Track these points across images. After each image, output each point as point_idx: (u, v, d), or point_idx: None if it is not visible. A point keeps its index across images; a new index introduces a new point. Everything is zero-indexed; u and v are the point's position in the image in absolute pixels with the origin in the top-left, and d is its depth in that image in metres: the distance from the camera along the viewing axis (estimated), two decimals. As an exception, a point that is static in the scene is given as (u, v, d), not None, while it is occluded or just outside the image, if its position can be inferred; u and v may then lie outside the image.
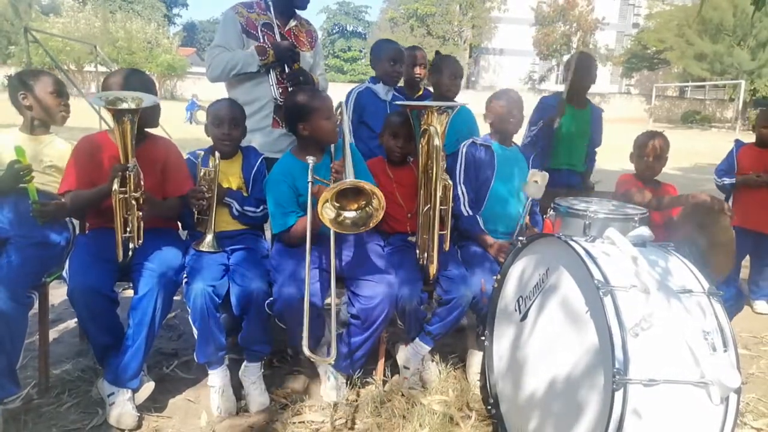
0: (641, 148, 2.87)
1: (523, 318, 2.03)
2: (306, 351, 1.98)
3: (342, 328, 2.46)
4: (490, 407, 2.24)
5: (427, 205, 2.30)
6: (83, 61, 29.49)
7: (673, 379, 1.53)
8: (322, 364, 1.97)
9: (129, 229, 2.13)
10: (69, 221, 2.50)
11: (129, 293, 2.20)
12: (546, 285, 1.92)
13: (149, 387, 2.21)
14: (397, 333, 2.59)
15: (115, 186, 2.05)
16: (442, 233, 2.30)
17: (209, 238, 2.36)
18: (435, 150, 2.20)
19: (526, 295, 2.03)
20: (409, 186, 2.63)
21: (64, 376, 2.44)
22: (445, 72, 3.15)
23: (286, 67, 2.83)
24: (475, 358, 2.57)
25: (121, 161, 2.09)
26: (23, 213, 2.28)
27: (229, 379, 2.29)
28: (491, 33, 37.81)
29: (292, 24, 2.97)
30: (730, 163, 3.67)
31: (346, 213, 2.02)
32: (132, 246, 2.16)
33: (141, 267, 2.15)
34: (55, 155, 2.45)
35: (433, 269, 2.34)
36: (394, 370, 2.57)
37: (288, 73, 2.83)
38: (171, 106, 20.18)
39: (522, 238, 2.15)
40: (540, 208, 2.90)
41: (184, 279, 2.24)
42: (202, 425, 2.19)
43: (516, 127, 2.79)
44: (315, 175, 2.22)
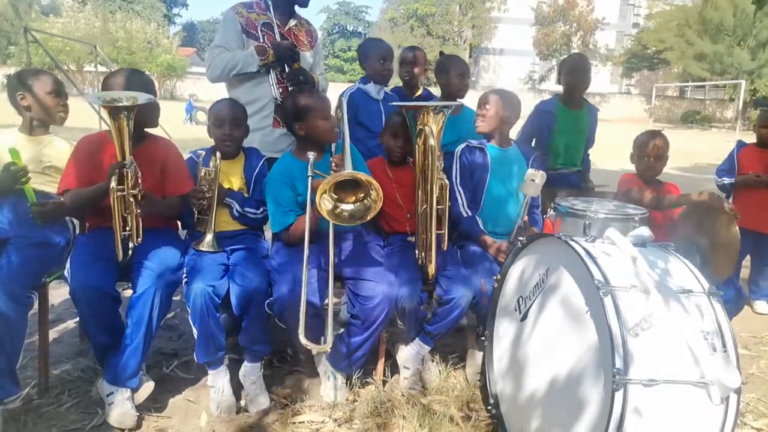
0: (641, 148, 2.87)
1: (523, 318, 2.03)
2: (302, 339, 1.98)
3: (342, 328, 2.46)
4: (490, 407, 2.24)
5: (425, 205, 2.31)
6: (83, 61, 29.49)
7: (673, 379, 1.53)
8: (320, 352, 1.97)
9: (128, 228, 2.13)
10: (69, 221, 2.50)
11: (130, 293, 2.20)
12: (546, 285, 1.92)
13: (149, 387, 2.21)
14: (397, 333, 2.59)
15: (113, 184, 2.05)
16: (440, 233, 2.31)
17: (209, 238, 2.36)
18: (430, 150, 2.21)
19: (526, 295, 2.03)
20: (408, 186, 2.63)
21: (64, 376, 2.44)
22: (453, 72, 3.11)
23: (286, 66, 2.84)
24: (475, 358, 2.57)
25: (119, 159, 2.09)
26: (23, 213, 2.28)
27: (228, 379, 2.29)
28: (491, 33, 37.79)
29: (291, 24, 2.97)
30: (730, 163, 3.67)
31: (343, 205, 2.03)
32: (131, 245, 2.17)
33: (140, 266, 2.15)
34: (54, 155, 2.46)
35: (431, 269, 2.34)
36: (394, 370, 2.56)
37: (288, 72, 2.83)
38: (171, 106, 20.17)
39: (522, 238, 2.15)
40: (540, 208, 2.90)
41: (184, 279, 2.24)
42: (202, 425, 2.19)
43: (508, 127, 2.77)
44: (315, 170, 2.23)
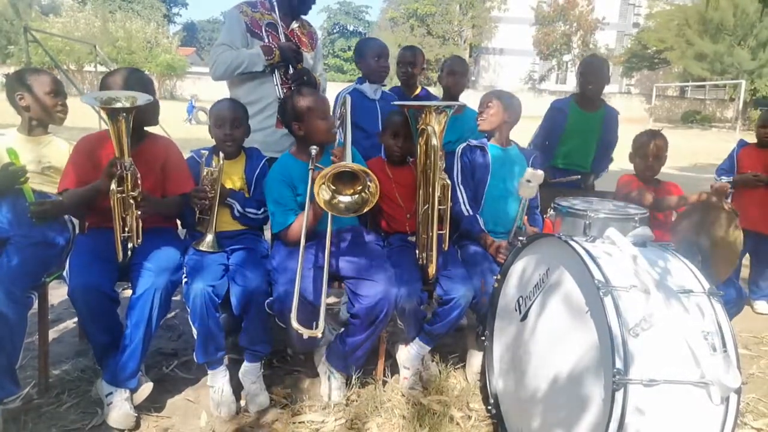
0: (641, 148, 2.87)
1: (524, 318, 2.03)
2: (294, 323, 1.96)
3: (342, 328, 2.45)
4: (490, 407, 2.24)
5: (426, 205, 2.30)
6: (83, 61, 29.49)
7: (674, 379, 1.53)
8: (310, 335, 1.96)
9: (127, 229, 2.13)
10: (69, 221, 2.50)
11: (129, 293, 2.20)
12: (546, 285, 1.92)
13: (148, 388, 2.20)
14: (397, 333, 2.59)
15: (113, 186, 2.05)
16: (441, 233, 2.30)
17: (210, 238, 2.36)
18: (433, 150, 2.20)
19: (527, 295, 2.03)
20: (408, 186, 2.62)
21: (63, 376, 2.44)
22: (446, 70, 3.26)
23: (291, 67, 2.84)
24: (475, 358, 2.57)
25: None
26: (22, 213, 2.27)
27: (228, 379, 2.29)
28: (491, 33, 37.76)
29: (294, 25, 2.98)
30: (730, 163, 3.68)
31: (341, 197, 2.05)
32: (130, 245, 2.16)
33: (139, 266, 2.14)
34: (53, 156, 2.45)
35: (432, 269, 2.34)
36: (394, 369, 2.56)
37: (293, 72, 2.84)
38: (171, 105, 20.18)
39: (522, 238, 2.15)
40: (540, 209, 2.90)
41: (184, 279, 2.24)
42: (202, 425, 2.18)
43: (508, 127, 2.76)
44: (316, 163, 2.24)
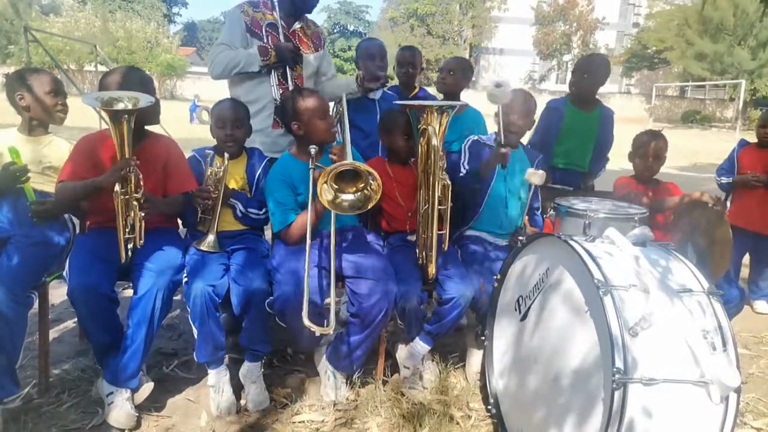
0: (640, 148, 2.87)
1: (523, 317, 2.03)
2: (305, 321, 2.00)
3: (342, 328, 2.46)
4: (489, 407, 2.24)
5: (426, 205, 2.30)
6: (83, 61, 29.48)
7: (673, 378, 1.53)
8: (322, 333, 2.01)
9: (128, 230, 2.13)
10: (69, 221, 2.50)
11: (129, 293, 2.20)
12: (546, 284, 1.92)
13: (148, 387, 2.21)
14: (397, 332, 2.59)
15: (116, 188, 2.05)
16: (441, 233, 2.30)
17: (211, 238, 2.36)
18: (434, 150, 2.21)
19: (526, 295, 2.03)
20: (409, 185, 2.62)
21: (64, 376, 2.44)
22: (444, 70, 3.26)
23: (288, 68, 2.83)
24: (474, 357, 2.57)
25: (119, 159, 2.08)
26: (23, 213, 2.28)
27: (228, 379, 2.29)
28: (491, 33, 37.73)
29: (297, 26, 2.96)
30: (730, 163, 3.68)
31: (344, 195, 2.07)
32: (130, 246, 2.16)
33: (141, 267, 2.15)
34: (54, 156, 2.45)
35: (432, 268, 2.34)
36: (394, 369, 2.56)
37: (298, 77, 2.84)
38: (171, 105, 20.16)
39: (522, 238, 2.15)
40: (540, 209, 2.90)
41: (185, 279, 2.24)
42: (202, 425, 2.19)
43: (521, 130, 2.72)
44: (317, 163, 2.25)
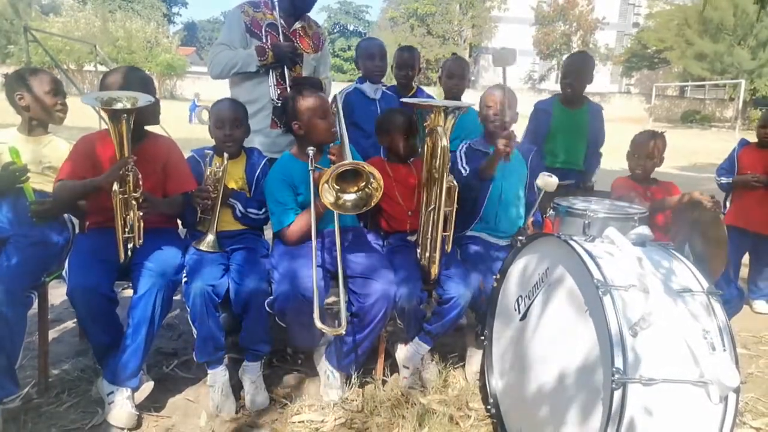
0: (635, 147, 2.86)
1: (523, 317, 2.03)
2: (318, 323, 2.03)
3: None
4: (489, 407, 2.24)
5: (432, 206, 2.28)
6: (83, 61, 29.48)
7: (673, 378, 1.53)
8: (334, 334, 2.04)
9: (128, 230, 2.13)
10: (68, 221, 2.50)
11: (129, 293, 2.20)
12: (546, 284, 1.92)
13: (148, 387, 2.21)
14: (397, 332, 2.59)
15: (115, 187, 2.05)
16: (445, 234, 2.29)
17: (211, 238, 2.36)
18: (443, 151, 2.17)
19: (526, 295, 2.03)
20: (408, 185, 2.62)
21: (63, 376, 2.44)
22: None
23: (286, 68, 2.83)
24: (475, 356, 2.57)
25: (119, 159, 2.08)
26: (22, 212, 2.28)
27: (228, 379, 2.29)
28: (491, 32, 37.72)
29: (297, 25, 2.96)
30: (731, 163, 3.67)
31: (345, 196, 2.06)
32: (130, 245, 2.16)
33: (140, 266, 2.14)
34: (54, 156, 2.44)
35: (435, 269, 2.33)
36: (393, 369, 2.57)
37: (293, 78, 2.83)
38: (171, 105, 20.13)
39: (521, 238, 2.15)
40: (540, 209, 2.89)
41: (184, 278, 2.24)
42: (202, 425, 2.19)
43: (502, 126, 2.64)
44: (316, 164, 2.24)
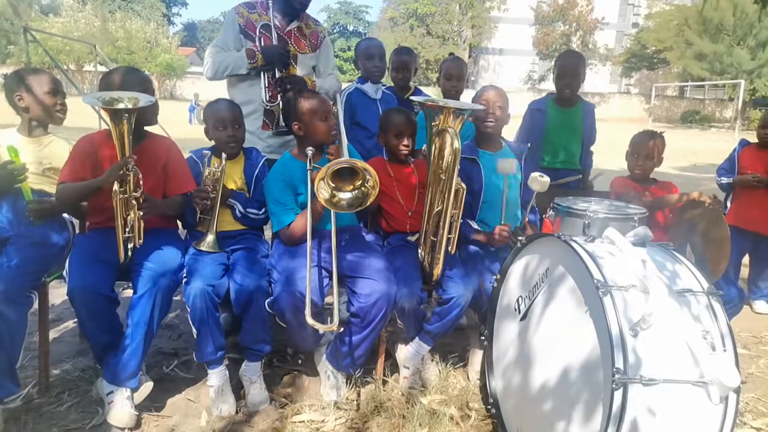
0: (633, 147, 2.86)
1: (523, 317, 2.03)
2: (309, 320, 2.01)
3: (342, 328, 2.46)
4: (489, 407, 2.24)
5: (438, 208, 2.26)
6: (83, 61, 29.50)
7: (673, 378, 1.53)
8: (327, 330, 2.03)
9: (128, 230, 2.13)
10: (68, 221, 2.50)
11: (129, 293, 2.20)
12: (545, 284, 1.92)
13: (148, 387, 2.21)
14: (397, 332, 2.59)
15: (115, 187, 2.06)
16: (450, 236, 2.28)
17: (210, 238, 2.36)
18: (455, 153, 2.11)
19: (526, 295, 2.03)
20: (409, 185, 2.62)
21: (64, 376, 2.44)
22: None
23: (277, 71, 2.82)
24: (477, 357, 2.57)
25: (119, 159, 2.08)
26: (22, 213, 2.28)
27: (228, 379, 2.29)
28: (491, 33, 37.77)
29: (293, 25, 2.95)
30: (731, 163, 3.67)
31: (341, 194, 2.06)
32: (130, 245, 2.16)
33: (140, 267, 2.14)
34: (53, 156, 2.44)
35: (438, 270, 2.32)
36: (393, 369, 2.57)
37: (277, 79, 2.82)
38: (171, 105, 20.16)
39: (521, 238, 2.15)
40: (539, 208, 2.89)
41: (184, 278, 2.24)
42: (202, 425, 2.19)
43: (495, 127, 2.63)
44: (315, 164, 2.24)
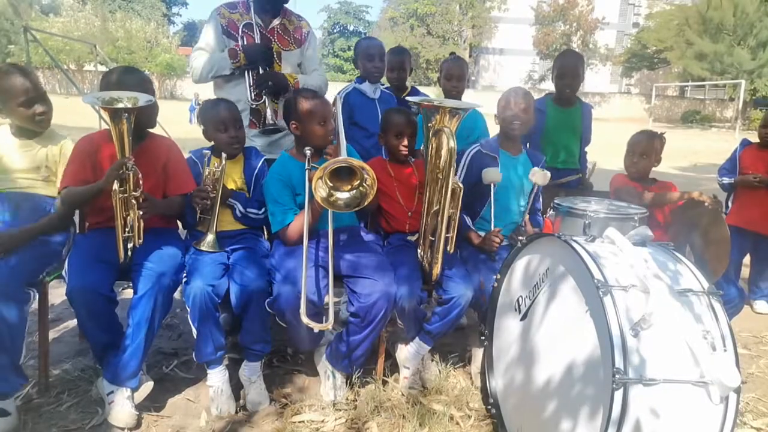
0: (631, 146, 2.86)
1: (523, 317, 2.03)
2: (304, 318, 2.00)
3: (342, 328, 2.46)
4: (489, 407, 2.24)
5: (436, 207, 2.26)
6: (83, 61, 29.52)
7: (673, 378, 1.53)
8: (321, 329, 2.02)
9: (128, 229, 2.13)
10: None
11: (129, 293, 2.20)
12: (546, 284, 1.92)
13: (148, 386, 2.21)
14: (397, 332, 2.59)
15: (114, 186, 2.05)
16: (449, 236, 2.28)
17: (210, 238, 2.36)
18: (450, 152, 2.11)
19: (526, 295, 2.03)
20: (409, 185, 2.62)
21: (63, 376, 2.44)
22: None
23: (261, 69, 2.80)
24: (478, 356, 2.56)
25: (119, 158, 2.07)
26: (21, 211, 2.27)
27: (228, 379, 2.29)
28: (491, 33, 37.80)
29: (275, 23, 2.93)
30: (732, 163, 3.66)
31: (338, 194, 2.05)
32: (130, 245, 2.16)
33: (140, 267, 2.14)
34: (52, 157, 2.38)
35: (437, 270, 2.32)
36: (393, 369, 2.57)
37: (257, 77, 2.80)
38: (171, 105, 20.16)
39: (522, 237, 2.15)
40: (542, 209, 2.89)
41: (184, 278, 2.24)
42: (202, 425, 2.19)
43: (521, 129, 2.68)
44: (313, 164, 2.24)
